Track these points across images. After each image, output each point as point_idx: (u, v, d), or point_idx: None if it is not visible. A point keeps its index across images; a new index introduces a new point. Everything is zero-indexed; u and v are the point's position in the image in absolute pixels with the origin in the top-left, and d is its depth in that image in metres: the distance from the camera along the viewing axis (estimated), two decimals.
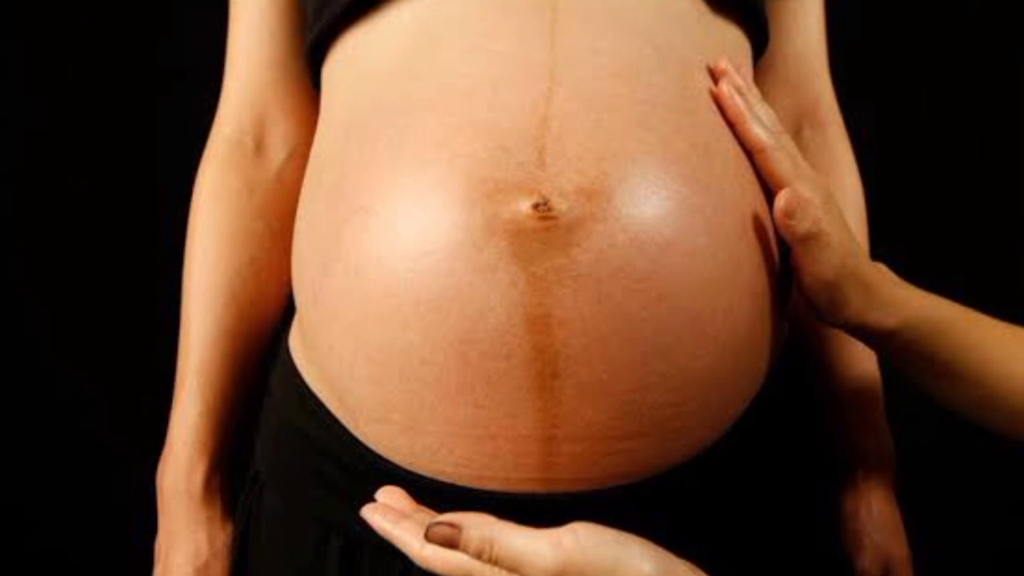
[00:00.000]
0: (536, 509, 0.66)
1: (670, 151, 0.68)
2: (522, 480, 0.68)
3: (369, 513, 0.67)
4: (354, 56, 0.80)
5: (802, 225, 0.71)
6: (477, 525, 0.61)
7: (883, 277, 0.75)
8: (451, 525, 0.61)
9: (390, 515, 0.66)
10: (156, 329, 1.05)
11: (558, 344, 0.64)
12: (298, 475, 0.81)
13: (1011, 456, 0.94)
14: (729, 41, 0.82)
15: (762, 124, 0.73)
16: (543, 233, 0.64)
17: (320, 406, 0.78)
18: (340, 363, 0.71)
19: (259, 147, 0.94)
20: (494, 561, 0.60)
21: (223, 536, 0.89)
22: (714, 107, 0.74)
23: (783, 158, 0.73)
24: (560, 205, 0.64)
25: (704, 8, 0.79)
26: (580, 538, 0.59)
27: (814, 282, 0.73)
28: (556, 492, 0.68)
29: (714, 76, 0.76)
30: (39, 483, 1.57)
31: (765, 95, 0.85)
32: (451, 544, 0.61)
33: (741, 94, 0.74)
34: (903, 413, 0.95)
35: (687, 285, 0.66)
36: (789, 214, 0.71)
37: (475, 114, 0.68)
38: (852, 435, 0.91)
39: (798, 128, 0.97)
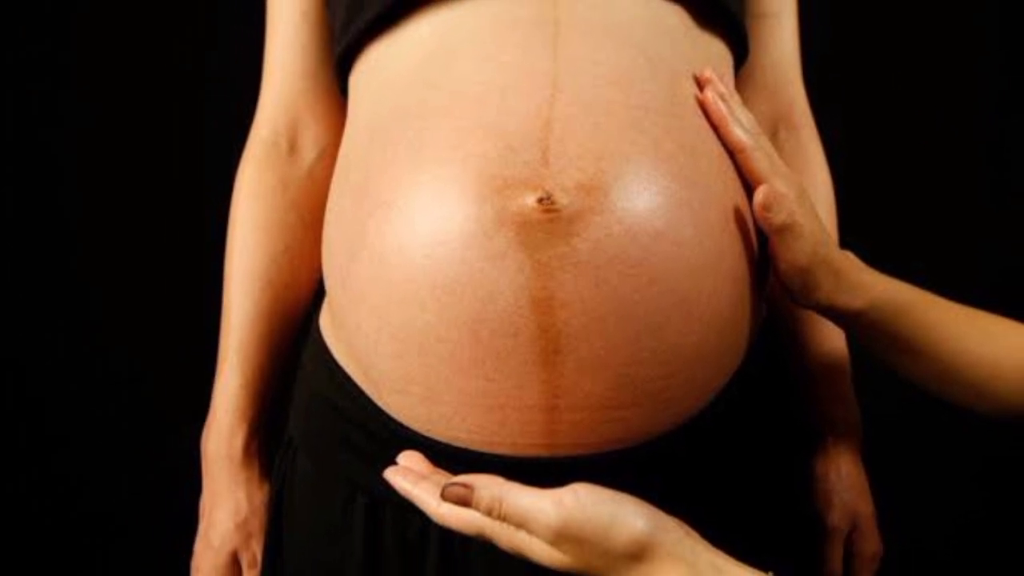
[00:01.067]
0: (541, 471, 0.66)
1: (661, 151, 0.68)
2: (528, 445, 0.68)
3: (391, 475, 0.67)
4: (377, 66, 0.79)
5: (778, 217, 0.71)
6: (488, 485, 0.61)
7: (851, 263, 0.75)
8: (464, 485, 0.62)
9: (410, 476, 0.66)
10: (201, 311, 1.05)
11: (560, 323, 0.64)
12: (327, 441, 0.81)
13: (966, 425, 0.93)
14: (713, 53, 0.81)
15: (743, 127, 0.73)
16: (547, 224, 0.64)
17: (347, 379, 0.78)
18: (365, 340, 0.71)
19: (292, 148, 0.93)
20: (503, 518, 0.61)
21: (260, 495, 0.89)
22: (700, 112, 0.73)
23: (761, 157, 0.73)
24: (562, 199, 0.64)
25: (691, 23, 0.79)
26: (580, 497, 0.59)
27: (789, 268, 0.73)
28: (558, 456, 0.68)
29: (700, 84, 0.75)
30: (97, 447, 1.57)
31: (745, 101, 0.85)
32: (464, 502, 0.62)
33: (724, 100, 0.73)
34: (869, 386, 0.94)
35: (675, 271, 0.66)
36: (767, 207, 0.71)
37: (485, 118, 0.68)
38: (823, 405, 0.91)
39: (774, 130, 0.96)
